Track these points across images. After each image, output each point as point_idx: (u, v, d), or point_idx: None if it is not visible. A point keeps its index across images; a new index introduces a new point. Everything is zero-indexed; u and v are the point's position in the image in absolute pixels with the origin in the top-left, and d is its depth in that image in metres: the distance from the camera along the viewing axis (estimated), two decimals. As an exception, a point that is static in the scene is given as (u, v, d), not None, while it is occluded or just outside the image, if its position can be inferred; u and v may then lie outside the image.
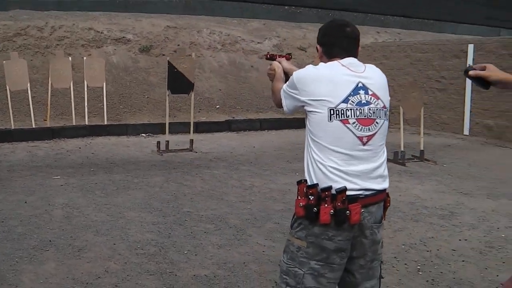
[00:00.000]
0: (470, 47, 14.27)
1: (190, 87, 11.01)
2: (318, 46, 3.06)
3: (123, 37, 16.58)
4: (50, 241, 5.61)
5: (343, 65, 2.88)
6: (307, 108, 2.86)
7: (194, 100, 11.65)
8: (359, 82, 2.84)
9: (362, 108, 2.81)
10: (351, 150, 2.79)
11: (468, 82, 14.16)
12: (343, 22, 3.03)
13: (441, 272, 5.19)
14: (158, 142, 10.80)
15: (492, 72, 2.76)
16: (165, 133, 11.20)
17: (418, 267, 5.30)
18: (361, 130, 2.80)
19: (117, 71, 15.53)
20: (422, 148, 10.68)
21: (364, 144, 2.81)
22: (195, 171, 9.21)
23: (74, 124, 12.75)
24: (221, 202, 7.36)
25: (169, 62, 10.70)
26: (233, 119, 14.95)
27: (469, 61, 14.24)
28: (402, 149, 10.31)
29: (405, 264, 5.36)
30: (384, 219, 2.99)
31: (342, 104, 2.78)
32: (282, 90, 3.07)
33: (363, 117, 2.81)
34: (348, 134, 2.78)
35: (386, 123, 2.92)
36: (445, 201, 7.79)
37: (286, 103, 3.04)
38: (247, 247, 5.64)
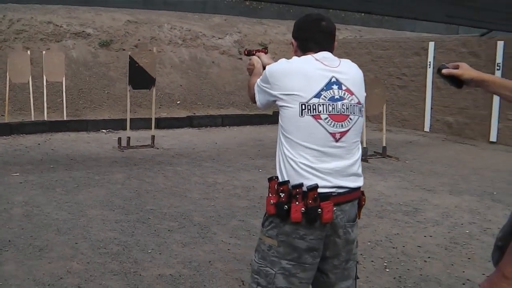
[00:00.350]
0: (431, 45, 14.39)
1: (151, 82, 10.87)
2: (293, 40, 3.00)
3: (83, 31, 16.33)
4: (9, 241, 5.44)
5: (316, 59, 2.80)
6: (279, 103, 2.80)
7: (155, 96, 11.49)
8: (333, 76, 2.78)
9: (334, 104, 2.74)
10: (323, 147, 2.73)
11: (429, 79, 14.31)
12: (318, 16, 2.97)
13: (408, 269, 5.20)
14: (119, 138, 10.64)
15: (465, 70, 2.73)
16: (125, 129, 11.04)
17: (385, 264, 5.29)
18: (333, 126, 2.73)
19: (77, 65, 15.29)
20: (384, 145, 10.73)
21: (337, 141, 2.75)
22: (157, 167, 9.09)
23: (33, 119, 12.50)
24: (184, 199, 7.27)
25: (130, 57, 10.54)
26: (194, 115, 14.85)
27: (430, 59, 14.39)
28: (364, 145, 10.33)
29: (372, 261, 5.35)
30: (359, 218, 2.94)
31: (314, 99, 2.71)
32: (255, 85, 2.99)
33: (335, 113, 2.74)
34: (320, 130, 2.72)
35: (361, 119, 2.86)
36: (409, 197, 7.83)
37: (259, 98, 2.97)
38: (212, 245, 5.57)
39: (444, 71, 2.75)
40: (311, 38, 2.89)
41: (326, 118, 2.72)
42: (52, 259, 5.00)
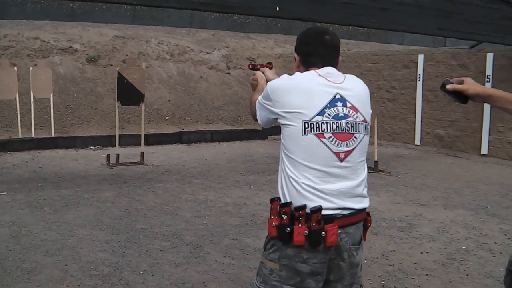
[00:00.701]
0: (420, 57, 14.38)
1: (140, 98, 10.75)
2: (295, 55, 2.88)
3: (70, 47, 16.23)
4: (-4, 263, 5.31)
5: (320, 75, 2.69)
6: (281, 121, 2.69)
7: (144, 112, 11.37)
8: (337, 93, 2.67)
9: (339, 122, 2.63)
10: (327, 167, 2.62)
11: (419, 92, 14.29)
12: (322, 30, 2.86)
13: (406, 287, 5.09)
14: (108, 155, 10.51)
15: (470, 85, 2.64)
16: (114, 146, 10.91)
17: (383, 282, 5.19)
18: (338, 145, 2.63)
19: (64, 81, 15.16)
20: (376, 159, 10.64)
21: (341, 161, 2.64)
22: (147, 185, 8.96)
23: (20, 136, 12.34)
24: (175, 217, 7.14)
25: (119, 73, 10.42)
26: (183, 131, 14.75)
27: (419, 71, 14.37)
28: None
29: (369, 279, 5.23)
30: (364, 240, 2.83)
31: (317, 116, 2.60)
32: (257, 101, 2.88)
33: (340, 132, 2.63)
34: (324, 150, 2.61)
35: (366, 138, 2.76)
36: (402, 212, 7.75)
37: (260, 115, 2.87)
38: (205, 266, 5.44)
39: (448, 86, 2.66)
40: (314, 53, 2.78)
41: (330, 137, 2.61)
42: (41, 282, 4.85)
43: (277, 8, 7.66)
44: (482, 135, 13.05)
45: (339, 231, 2.60)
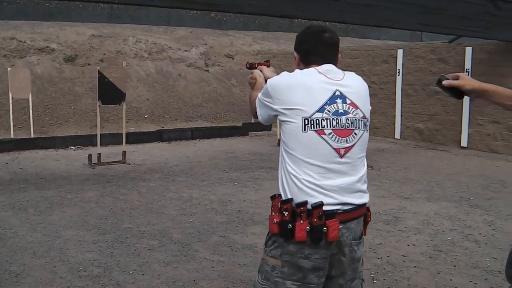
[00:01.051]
0: (399, 52, 14.45)
1: (121, 97, 10.68)
2: (295, 53, 2.88)
3: (47, 46, 16.09)
4: (-17, 266, 5.24)
5: (319, 72, 2.70)
6: (281, 118, 2.68)
7: (125, 111, 11.29)
8: (337, 90, 2.67)
9: (339, 118, 2.64)
10: (328, 163, 2.62)
11: (398, 86, 14.37)
12: (321, 28, 2.86)
13: (396, 280, 5.12)
14: (90, 155, 10.43)
15: (466, 81, 2.66)
16: (94, 145, 10.85)
17: (372, 275, 5.20)
18: (338, 141, 2.63)
19: (42, 81, 15.03)
20: (357, 154, 10.66)
21: (341, 157, 2.64)
22: (130, 184, 8.91)
23: (-1, 138, 12.23)
24: (161, 216, 7.11)
25: (99, 72, 10.33)
26: (163, 129, 14.69)
27: (398, 66, 14.44)
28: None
29: (359, 274, 5.24)
30: (365, 235, 2.84)
31: (317, 113, 2.60)
32: (257, 99, 2.87)
33: (340, 128, 2.63)
34: (324, 146, 2.61)
35: (366, 134, 2.76)
36: (387, 206, 7.78)
37: (260, 112, 2.85)
38: (195, 263, 5.42)
39: (444, 82, 2.67)
40: (313, 51, 2.78)
41: (330, 133, 2.61)
42: (31, 285, 4.80)
43: None
44: (462, 128, 13.16)
45: (340, 227, 2.61)
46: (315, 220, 2.55)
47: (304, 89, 2.63)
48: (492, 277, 5.19)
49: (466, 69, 12.84)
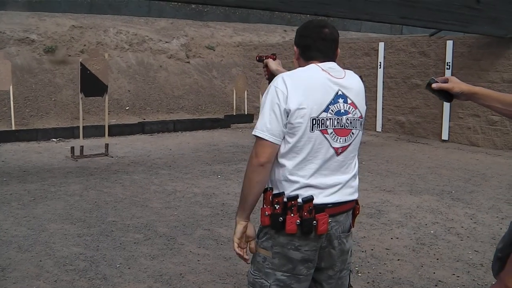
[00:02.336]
0: (381, 45, 14.52)
1: (104, 89, 10.63)
2: (295, 48, 2.87)
3: (27, 37, 15.98)
4: (-32, 261, 5.22)
5: (323, 69, 2.70)
6: (291, 120, 2.66)
7: (107, 103, 11.24)
8: (339, 90, 2.68)
9: (340, 118, 2.66)
10: (325, 161, 2.66)
11: (380, 79, 14.44)
12: (321, 23, 2.84)
13: (380, 273, 5.17)
14: (72, 148, 10.38)
15: (455, 84, 2.69)
16: (76, 138, 10.81)
17: (356, 268, 5.25)
18: (337, 140, 2.66)
19: (21, 73, 14.92)
20: (340, 146, 10.71)
21: (338, 155, 2.68)
22: (113, 177, 8.89)
23: (-21, 130, 12.13)
24: (146, 209, 7.11)
25: (81, 64, 10.27)
26: (145, 121, 14.65)
27: (380, 59, 14.52)
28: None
29: (344, 267, 5.29)
30: (353, 227, 2.89)
31: (323, 113, 2.62)
32: (265, 115, 2.73)
33: (340, 128, 2.66)
34: (325, 145, 2.64)
35: (361, 133, 2.80)
36: (370, 199, 7.84)
37: (272, 127, 2.76)
38: (181, 257, 5.43)
39: (434, 85, 2.71)
40: (313, 46, 2.77)
41: (331, 133, 2.64)
42: (17, 279, 4.79)
43: None
44: (443, 121, 13.28)
45: (329, 220, 2.66)
46: (305, 214, 2.59)
47: (311, 89, 2.62)
48: (474, 270, 5.26)
49: (447, 63, 12.95)
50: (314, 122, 2.60)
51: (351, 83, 2.77)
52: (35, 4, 18.38)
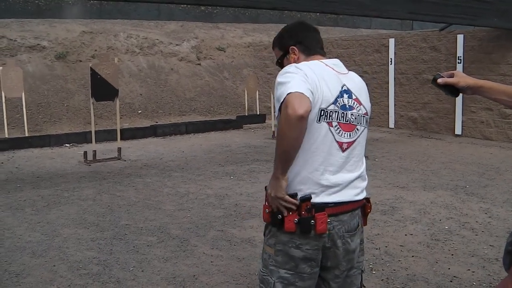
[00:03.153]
0: (391, 41, 14.47)
1: (114, 94, 10.67)
2: (292, 47, 2.85)
3: (38, 44, 16.04)
4: (-17, 267, 5.24)
5: (327, 65, 2.71)
6: None
7: (118, 107, 11.27)
8: (344, 84, 2.69)
9: (345, 112, 2.65)
10: (329, 155, 2.63)
11: (391, 75, 14.39)
12: (298, 20, 3.00)
13: (394, 270, 5.14)
14: (85, 152, 10.42)
15: (461, 78, 2.67)
16: (89, 142, 10.84)
17: (370, 266, 5.23)
18: (341, 135, 2.65)
19: (33, 79, 14.99)
20: (352, 144, 10.68)
21: (343, 151, 2.66)
22: (126, 180, 8.91)
23: (-7, 137, 12.19)
24: (158, 211, 7.12)
25: (91, 69, 10.31)
26: (158, 124, 14.68)
27: (390, 55, 14.46)
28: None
29: (358, 265, 5.27)
30: (365, 225, 2.87)
31: (331, 105, 2.61)
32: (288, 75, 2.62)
33: (344, 122, 2.65)
34: (329, 137, 2.62)
35: (366, 131, 2.78)
36: (384, 196, 7.81)
37: (300, 87, 2.57)
38: (194, 259, 5.43)
39: (439, 80, 2.69)
40: (306, 38, 2.84)
41: (336, 126, 2.63)
42: (31, 285, 4.80)
43: None
44: (456, 116, 13.21)
45: (330, 219, 2.64)
46: (303, 212, 2.59)
47: (322, 79, 2.61)
48: (489, 265, 5.22)
49: (458, 57, 12.88)
50: (322, 113, 2.59)
51: (354, 79, 2.80)
52: (45, 11, 18.48)
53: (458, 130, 13.19)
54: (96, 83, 10.32)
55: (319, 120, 2.59)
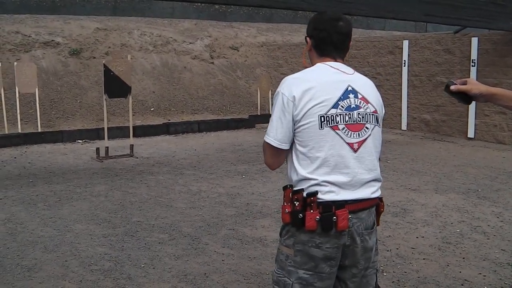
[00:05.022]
0: (405, 43, 14.42)
1: (127, 91, 10.70)
2: (307, 38, 2.85)
3: (52, 40, 16.09)
4: (-5, 261, 5.27)
5: (331, 67, 2.73)
6: (299, 123, 2.67)
7: (131, 104, 11.30)
8: (349, 85, 2.70)
9: (351, 113, 2.66)
10: (341, 157, 2.65)
11: (404, 77, 14.34)
12: (335, 15, 2.82)
13: (405, 272, 5.14)
14: (97, 149, 10.47)
15: (474, 85, 2.68)
16: (101, 139, 10.88)
17: (382, 267, 5.22)
18: (350, 136, 2.66)
19: (47, 75, 15.04)
20: (364, 145, 10.67)
21: (355, 151, 2.67)
22: (138, 177, 8.94)
23: (6, 132, 12.23)
24: (170, 209, 7.13)
25: (105, 66, 10.35)
26: (170, 122, 14.69)
27: (404, 57, 14.42)
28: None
29: (369, 266, 5.26)
30: (378, 225, 2.86)
31: (332, 109, 2.62)
32: (271, 123, 2.83)
33: (352, 123, 2.66)
34: (338, 141, 2.63)
35: (378, 128, 2.78)
36: (395, 198, 7.79)
37: (278, 137, 2.76)
38: (205, 257, 5.45)
39: (452, 87, 2.70)
40: (327, 39, 2.76)
41: (343, 128, 2.64)
42: (43, 279, 4.83)
43: None
44: (469, 119, 13.15)
45: (351, 216, 2.64)
46: (319, 210, 2.60)
47: (319, 89, 2.63)
48: (501, 269, 5.20)
49: (472, 60, 12.82)
50: (322, 120, 2.61)
51: (361, 78, 2.81)
52: (60, 8, 18.54)
53: (471, 133, 13.12)
54: (109, 80, 10.36)
55: (321, 127, 2.61)
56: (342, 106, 2.65)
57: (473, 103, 12.39)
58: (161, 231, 6.24)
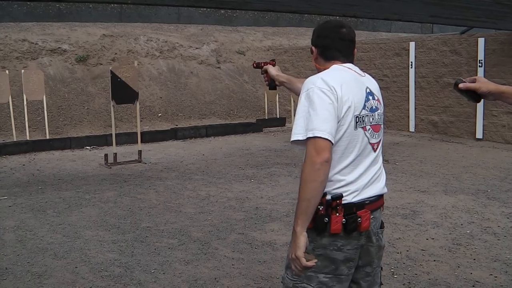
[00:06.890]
0: (412, 45, 14.39)
1: (135, 96, 10.71)
2: (312, 47, 2.87)
3: (59, 47, 16.15)
4: (6, 268, 5.26)
5: (350, 69, 2.75)
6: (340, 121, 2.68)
7: (139, 110, 11.32)
8: (367, 87, 2.74)
9: (373, 114, 2.71)
10: (365, 157, 2.69)
11: (411, 79, 14.32)
12: (339, 23, 2.86)
13: (416, 274, 5.11)
14: (106, 155, 10.47)
15: (482, 84, 2.67)
16: (109, 145, 10.89)
17: (392, 270, 5.20)
18: (373, 137, 2.71)
19: (54, 82, 15.09)
20: (373, 148, 10.66)
21: (375, 151, 2.74)
22: (147, 183, 8.94)
23: (15, 140, 12.27)
24: (179, 214, 7.13)
25: (112, 72, 10.36)
26: (178, 127, 14.71)
27: (411, 59, 14.39)
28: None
29: (379, 269, 5.24)
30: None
31: (362, 110, 2.66)
32: (318, 117, 2.63)
33: (374, 123, 2.71)
34: (365, 141, 2.68)
35: (382, 127, 2.85)
36: (404, 200, 7.77)
37: (331, 130, 2.63)
38: (215, 261, 5.44)
39: (461, 85, 2.69)
40: (332, 46, 2.78)
41: (369, 129, 2.69)
42: (53, 286, 4.83)
43: None
44: (477, 119, 13.11)
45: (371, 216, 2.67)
46: (350, 212, 2.61)
47: (350, 86, 2.64)
48: (512, 270, 5.19)
49: (479, 60, 12.79)
50: (357, 120, 2.63)
51: (371, 80, 2.86)
52: (66, 15, 18.61)
53: (479, 134, 13.08)
54: (116, 86, 10.37)
55: (356, 128, 2.63)
56: (367, 107, 2.68)
57: (481, 103, 12.46)
58: (170, 236, 6.23)
